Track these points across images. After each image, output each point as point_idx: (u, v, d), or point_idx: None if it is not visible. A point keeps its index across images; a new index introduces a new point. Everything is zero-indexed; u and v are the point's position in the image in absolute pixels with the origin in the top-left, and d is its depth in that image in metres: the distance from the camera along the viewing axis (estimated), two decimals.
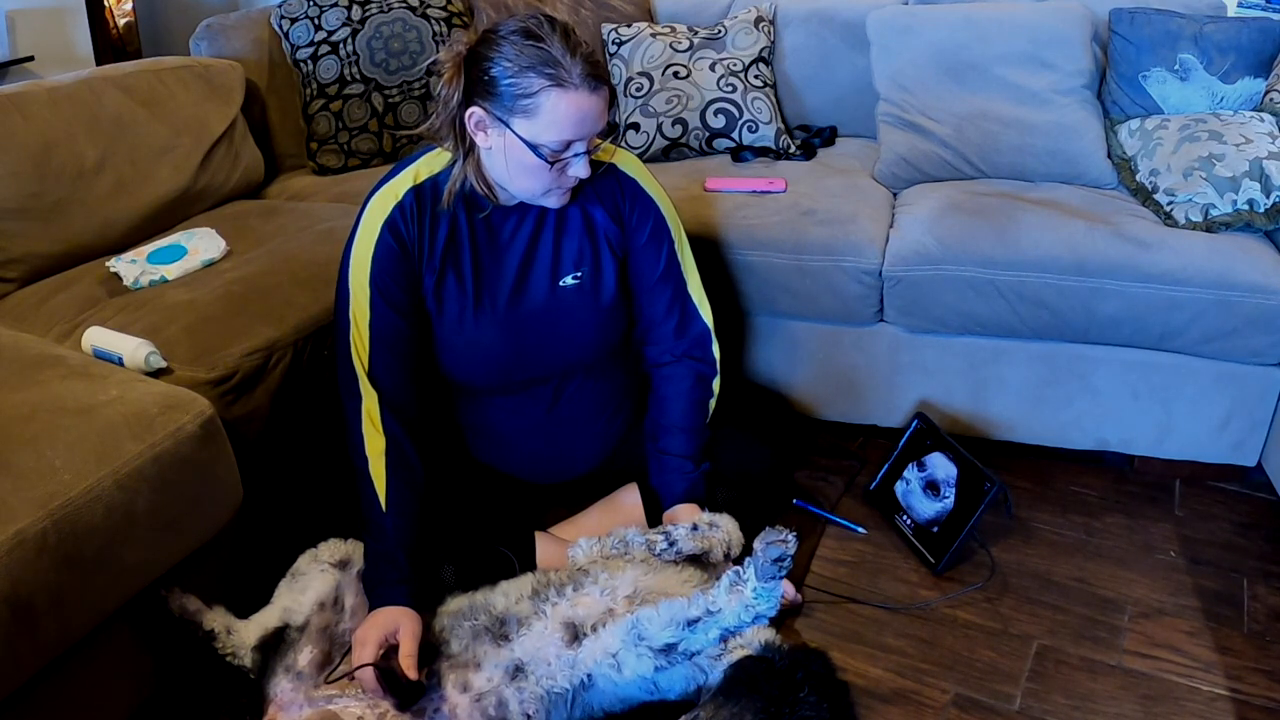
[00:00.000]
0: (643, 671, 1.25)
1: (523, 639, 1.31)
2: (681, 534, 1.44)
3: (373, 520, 1.39)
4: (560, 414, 1.60)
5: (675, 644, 1.23)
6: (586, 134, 1.35)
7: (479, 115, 1.35)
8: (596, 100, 1.33)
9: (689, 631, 1.23)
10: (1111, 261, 1.73)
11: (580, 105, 1.31)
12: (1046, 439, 1.94)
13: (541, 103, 1.31)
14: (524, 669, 1.29)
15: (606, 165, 1.52)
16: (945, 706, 1.42)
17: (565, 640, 1.30)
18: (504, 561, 1.54)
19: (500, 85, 1.32)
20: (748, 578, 1.22)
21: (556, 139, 1.33)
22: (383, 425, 1.41)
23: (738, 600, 1.22)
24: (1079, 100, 2.06)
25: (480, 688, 1.28)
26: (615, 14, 2.48)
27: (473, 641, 1.32)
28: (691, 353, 1.60)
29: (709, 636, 1.24)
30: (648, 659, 1.24)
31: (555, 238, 1.51)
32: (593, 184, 1.50)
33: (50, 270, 1.83)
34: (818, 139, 2.35)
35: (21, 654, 1.11)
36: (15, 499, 1.14)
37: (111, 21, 3.44)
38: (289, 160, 2.41)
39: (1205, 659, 1.50)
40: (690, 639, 1.23)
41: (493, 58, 1.32)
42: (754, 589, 1.21)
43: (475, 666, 1.30)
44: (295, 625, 1.35)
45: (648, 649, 1.24)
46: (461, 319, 1.49)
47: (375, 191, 1.46)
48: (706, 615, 1.23)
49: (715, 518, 1.47)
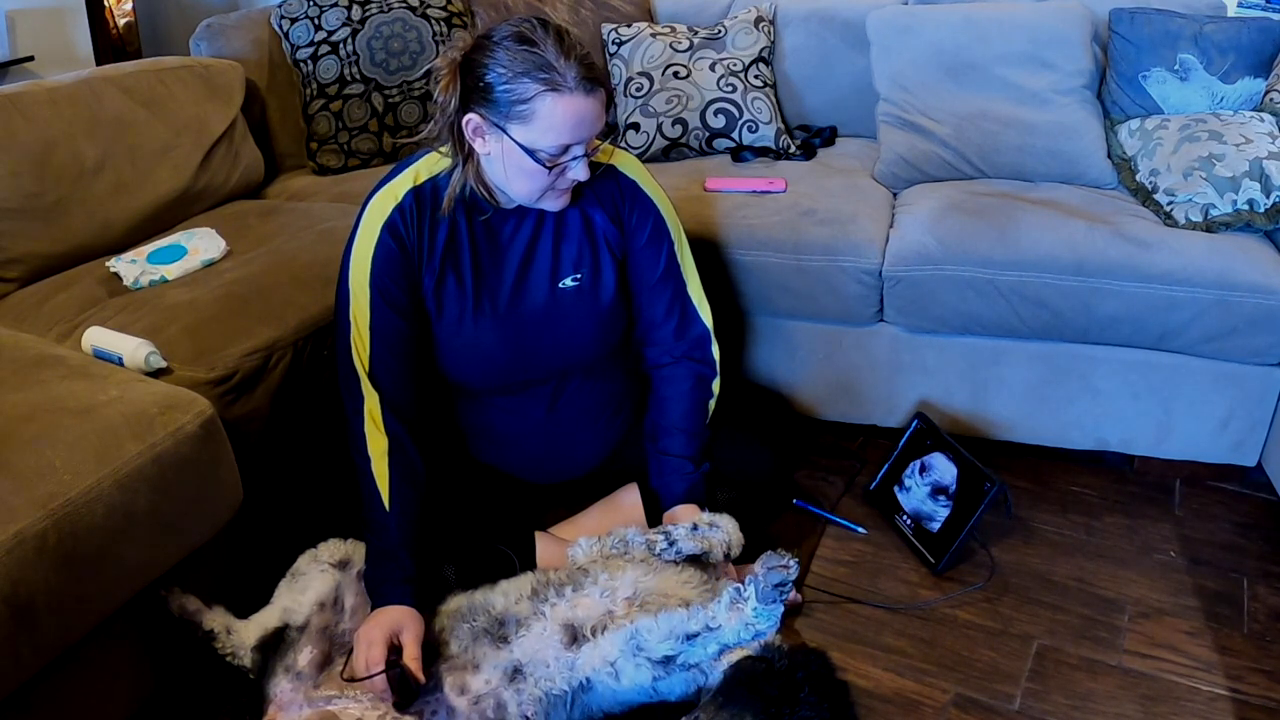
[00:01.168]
0: (641, 681, 1.26)
1: (521, 640, 1.31)
2: (681, 534, 1.44)
3: (375, 519, 1.39)
4: (560, 415, 1.60)
5: (673, 656, 1.24)
6: (584, 137, 1.35)
7: (476, 122, 1.35)
8: (593, 103, 1.33)
9: (688, 645, 1.24)
10: (1111, 261, 1.73)
11: (576, 109, 1.31)
12: (1046, 439, 1.94)
13: (537, 108, 1.30)
14: (522, 670, 1.28)
15: (606, 167, 1.52)
16: (945, 706, 1.42)
17: (564, 642, 1.30)
18: (504, 560, 1.54)
19: (496, 91, 1.31)
20: (748, 596, 1.22)
21: (554, 143, 1.33)
22: (384, 425, 1.41)
23: (737, 618, 1.23)
24: (1079, 100, 2.06)
25: (478, 690, 1.28)
26: (615, 14, 2.48)
27: (472, 644, 1.32)
28: (691, 354, 1.60)
29: (707, 651, 1.24)
30: (646, 669, 1.24)
31: (554, 239, 1.51)
32: (592, 186, 1.50)
33: (50, 270, 1.83)
34: (818, 139, 2.35)
35: (21, 654, 1.11)
36: (15, 499, 1.14)
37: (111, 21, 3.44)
38: (289, 160, 2.41)
39: (1205, 659, 1.50)
40: (689, 652, 1.24)
41: (487, 64, 1.32)
42: (754, 609, 1.22)
43: (474, 669, 1.30)
44: (295, 625, 1.35)
45: (646, 660, 1.24)
46: (461, 320, 1.49)
47: (375, 193, 1.46)
48: (706, 631, 1.23)
49: (715, 518, 1.47)
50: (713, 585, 1.40)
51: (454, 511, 1.58)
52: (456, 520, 1.57)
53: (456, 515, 1.58)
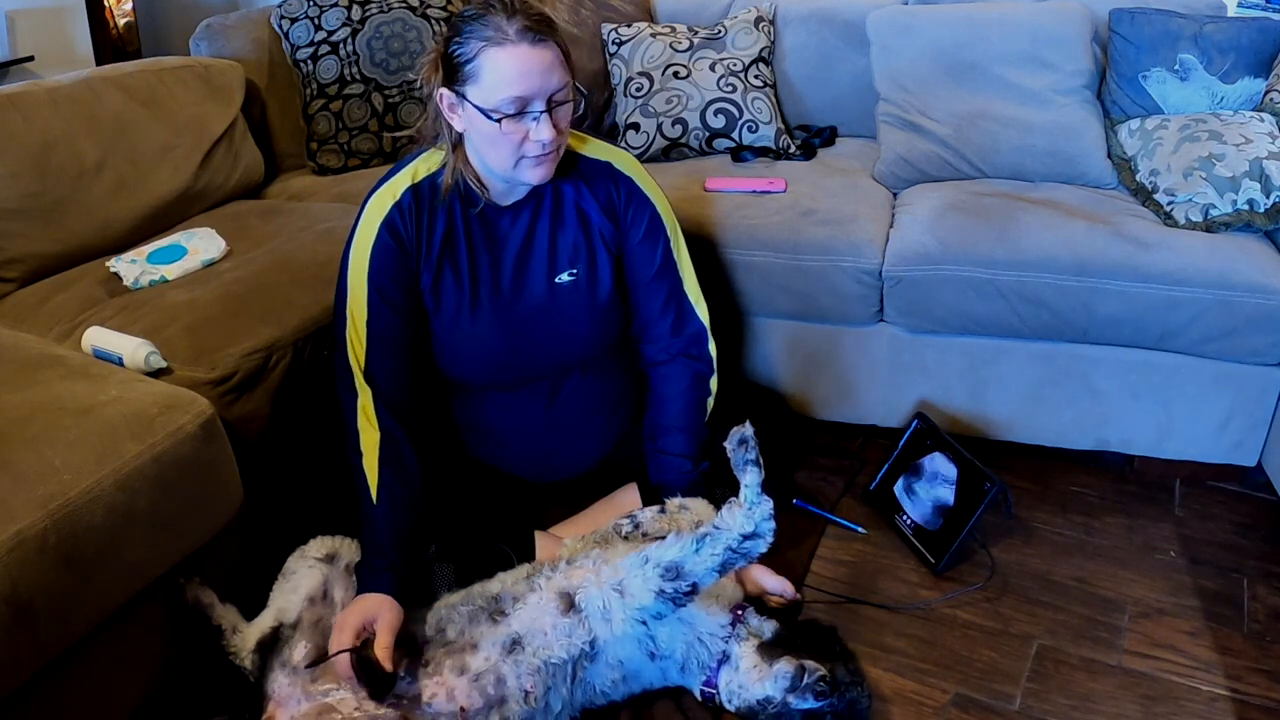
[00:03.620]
0: (644, 600, 1.27)
1: (519, 612, 1.33)
2: (646, 516, 1.46)
3: (364, 512, 1.40)
4: (558, 412, 1.60)
5: (680, 564, 1.26)
6: (534, 89, 1.33)
7: (447, 96, 1.37)
8: (539, 54, 1.32)
9: (695, 550, 1.26)
10: (1111, 261, 1.73)
11: (520, 59, 1.31)
12: (1046, 439, 1.93)
13: (483, 64, 1.32)
14: (520, 641, 1.30)
15: (603, 164, 1.53)
16: (945, 706, 1.42)
17: (561, 609, 1.31)
18: (504, 560, 1.54)
19: (453, 60, 1.34)
20: (744, 488, 1.28)
21: (503, 97, 1.32)
22: (378, 420, 1.42)
23: (738, 512, 1.27)
24: (1079, 100, 2.06)
25: (478, 668, 1.29)
26: (615, 14, 2.48)
27: (469, 625, 1.34)
28: (688, 351, 1.61)
29: (713, 559, 1.26)
30: (654, 580, 1.26)
31: (550, 235, 1.52)
32: (589, 182, 1.51)
33: (50, 270, 1.83)
34: (818, 139, 2.35)
35: (22, 654, 1.12)
36: (15, 499, 1.14)
37: (111, 21, 3.44)
38: (289, 160, 2.41)
39: (1205, 659, 1.50)
40: (695, 560, 1.26)
41: (450, 40, 1.35)
42: (747, 497, 1.27)
43: (472, 648, 1.31)
44: (288, 623, 1.36)
45: (654, 569, 1.27)
46: (458, 316, 1.49)
47: (374, 191, 1.47)
48: (713, 531, 1.27)
49: (687, 500, 1.49)
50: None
51: (453, 510, 1.58)
52: (456, 518, 1.57)
53: (456, 513, 1.58)
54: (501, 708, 1.27)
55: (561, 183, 1.51)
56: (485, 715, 1.27)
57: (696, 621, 1.35)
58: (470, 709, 1.27)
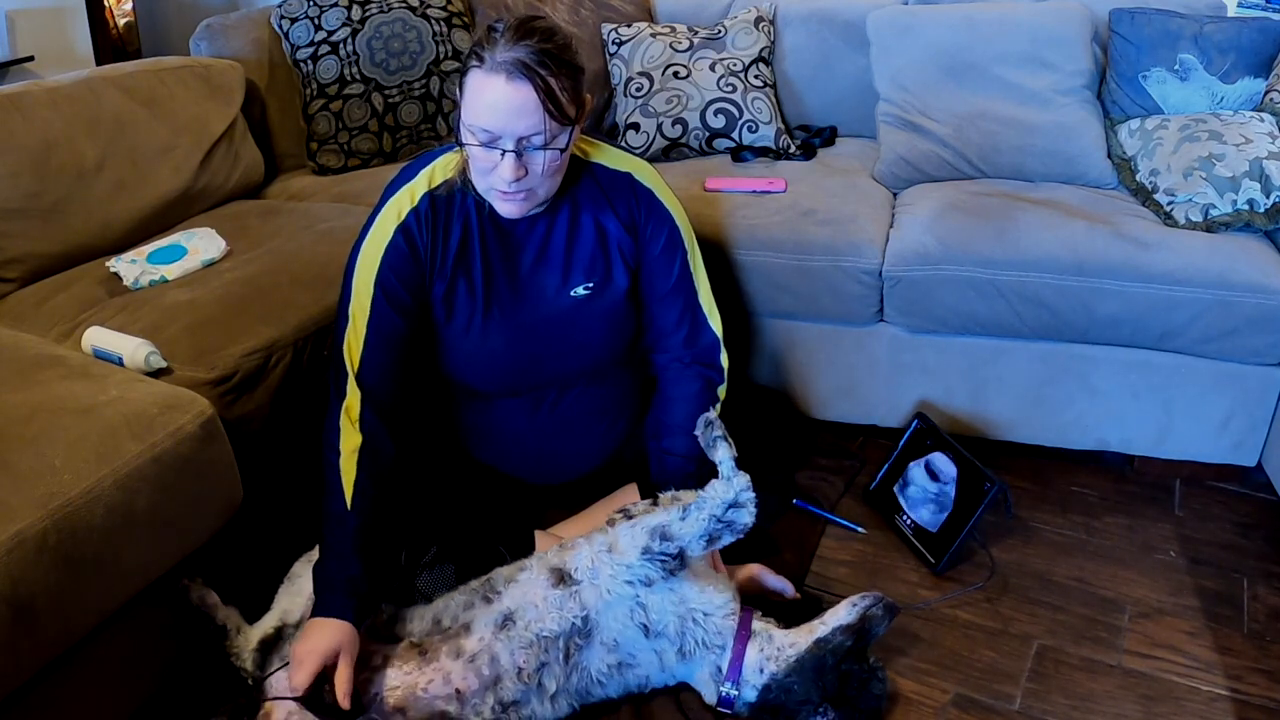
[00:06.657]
0: (631, 558, 1.30)
1: (511, 589, 1.34)
2: (639, 509, 1.45)
3: (334, 512, 1.35)
4: (562, 417, 1.60)
5: (667, 526, 1.31)
6: (502, 129, 1.29)
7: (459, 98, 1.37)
8: (512, 91, 1.27)
9: (681, 516, 1.32)
10: (1111, 261, 1.73)
11: (491, 91, 1.28)
12: (1046, 439, 1.93)
13: (468, 82, 1.32)
14: (512, 616, 1.31)
15: (623, 175, 1.51)
16: (945, 706, 1.42)
17: (552, 582, 1.32)
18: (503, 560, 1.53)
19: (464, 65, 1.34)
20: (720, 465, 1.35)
21: (472, 122, 1.30)
22: (361, 424, 1.38)
23: (722, 485, 1.32)
24: (1079, 100, 2.06)
25: (473, 649, 1.29)
26: (615, 14, 2.48)
27: (463, 612, 1.35)
28: (701, 361, 1.60)
29: (699, 524, 1.30)
30: (641, 537, 1.31)
31: (567, 247, 1.50)
32: (608, 195, 1.49)
33: (50, 270, 1.83)
34: (818, 139, 2.35)
35: (21, 654, 1.12)
36: (15, 499, 1.14)
37: (111, 21, 3.44)
38: (289, 160, 2.41)
39: (1205, 659, 1.50)
40: (681, 525, 1.31)
41: (473, 41, 1.35)
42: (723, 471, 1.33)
43: (466, 630, 1.32)
44: (292, 623, 1.36)
45: (642, 530, 1.32)
46: (470, 326, 1.48)
47: (393, 192, 1.45)
48: (698, 499, 1.32)
49: (679, 493, 1.48)
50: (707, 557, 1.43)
51: (454, 511, 1.58)
52: (456, 519, 1.57)
53: (456, 515, 1.58)
54: (497, 688, 1.28)
55: (580, 194, 1.49)
56: (481, 697, 1.28)
57: (687, 594, 1.33)
58: (466, 690, 1.27)
